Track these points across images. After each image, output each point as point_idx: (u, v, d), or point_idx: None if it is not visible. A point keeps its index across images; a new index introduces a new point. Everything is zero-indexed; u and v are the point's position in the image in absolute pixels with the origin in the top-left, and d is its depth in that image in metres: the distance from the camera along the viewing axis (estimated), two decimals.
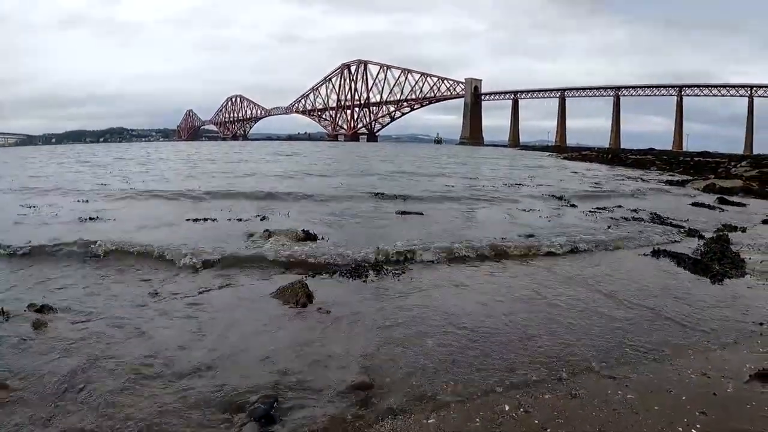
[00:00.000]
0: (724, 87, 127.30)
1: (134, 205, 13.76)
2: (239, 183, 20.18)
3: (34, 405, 3.40)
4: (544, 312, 5.42)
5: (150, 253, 7.41)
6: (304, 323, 5.08)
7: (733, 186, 19.96)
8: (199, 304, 5.51)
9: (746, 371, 4.01)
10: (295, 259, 7.34)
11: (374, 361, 4.17)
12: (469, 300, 5.85)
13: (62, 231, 9.09)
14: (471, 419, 3.35)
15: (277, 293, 5.83)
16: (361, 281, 6.49)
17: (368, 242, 8.34)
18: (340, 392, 3.66)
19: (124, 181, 20.61)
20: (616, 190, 19.98)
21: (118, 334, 4.62)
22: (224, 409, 3.41)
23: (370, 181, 21.88)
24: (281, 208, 12.98)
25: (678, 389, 3.73)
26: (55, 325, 4.77)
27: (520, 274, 6.99)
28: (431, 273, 6.97)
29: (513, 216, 12.40)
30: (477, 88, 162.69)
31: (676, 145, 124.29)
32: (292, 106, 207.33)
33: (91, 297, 5.70)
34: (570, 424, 3.29)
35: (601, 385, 3.80)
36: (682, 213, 13.28)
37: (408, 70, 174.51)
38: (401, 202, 14.49)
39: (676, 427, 3.24)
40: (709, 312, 5.48)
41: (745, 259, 7.76)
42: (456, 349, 4.43)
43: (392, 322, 5.06)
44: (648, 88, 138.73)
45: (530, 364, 4.16)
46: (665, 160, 47.46)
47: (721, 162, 40.87)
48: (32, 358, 4.10)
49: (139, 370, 3.93)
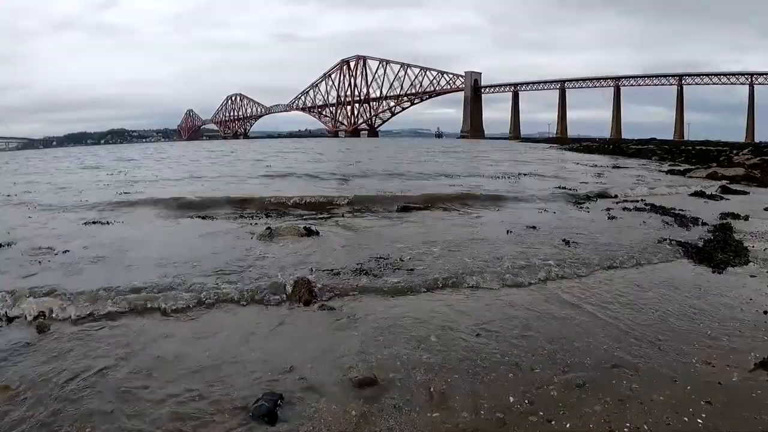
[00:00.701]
0: (724, 75, 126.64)
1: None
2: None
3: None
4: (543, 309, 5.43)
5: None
6: (307, 320, 5.08)
7: (735, 174, 19.91)
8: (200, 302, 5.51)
9: (751, 360, 4.00)
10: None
11: (378, 358, 4.17)
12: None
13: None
14: (476, 412, 3.35)
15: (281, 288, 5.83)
16: (366, 278, 6.48)
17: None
18: (344, 388, 3.67)
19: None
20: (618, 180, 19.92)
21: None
22: (228, 407, 3.41)
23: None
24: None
25: (683, 379, 3.73)
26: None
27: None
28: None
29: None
30: (477, 82, 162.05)
31: (677, 134, 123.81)
32: (292, 104, 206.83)
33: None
34: (576, 415, 3.28)
35: (605, 375, 3.80)
36: (684, 203, 13.25)
37: (407, 64, 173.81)
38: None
39: (682, 416, 3.24)
40: (713, 301, 5.47)
41: (748, 247, 7.73)
42: (461, 346, 4.43)
43: (396, 319, 5.05)
44: (648, 77, 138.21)
45: (533, 356, 4.17)
46: (666, 149, 47.38)
47: (723, 150, 40.80)
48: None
49: (144, 366, 3.95)
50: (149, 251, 7.74)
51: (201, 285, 5.86)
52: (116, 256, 7.41)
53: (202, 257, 7.30)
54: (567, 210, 12.30)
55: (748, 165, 23.90)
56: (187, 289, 5.70)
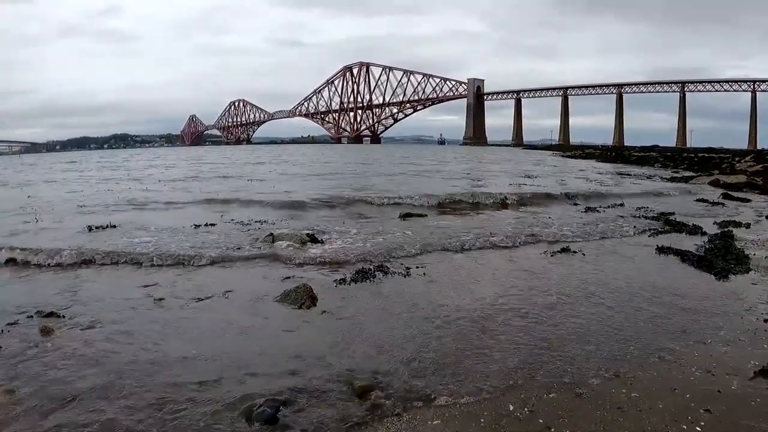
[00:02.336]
0: (726, 82, 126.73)
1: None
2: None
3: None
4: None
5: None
6: (309, 326, 5.10)
7: (737, 182, 19.93)
8: (204, 309, 5.56)
9: (750, 368, 4.02)
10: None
11: (379, 364, 4.19)
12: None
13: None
14: (476, 420, 3.37)
15: (282, 296, 5.86)
16: (367, 283, 6.51)
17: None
18: (345, 394, 3.69)
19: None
20: (622, 188, 19.94)
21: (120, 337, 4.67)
22: (230, 412, 3.43)
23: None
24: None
25: (682, 387, 3.74)
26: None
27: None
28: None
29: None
30: (479, 89, 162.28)
31: (679, 141, 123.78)
32: (295, 110, 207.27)
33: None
34: (575, 422, 3.30)
35: (605, 384, 3.82)
36: (686, 209, 13.28)
37: (410, 71, 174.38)
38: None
39: (681, 424, 3.25)
40: (713, 308, 5.48)
41: (749, 255, 7.74)
42: (462, 350, 4.45)
43: (396, 324, 5.07)
44: (651, 84, 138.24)
45: (533, 364, 4.18)
46: (669, 156, 47.37)
47: (725, 158, 40.77)
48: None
49: (144, 371, 3.97)
50: None
51: None
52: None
53: None
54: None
55: (750, 172, 23.91)
56: None
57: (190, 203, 15.01)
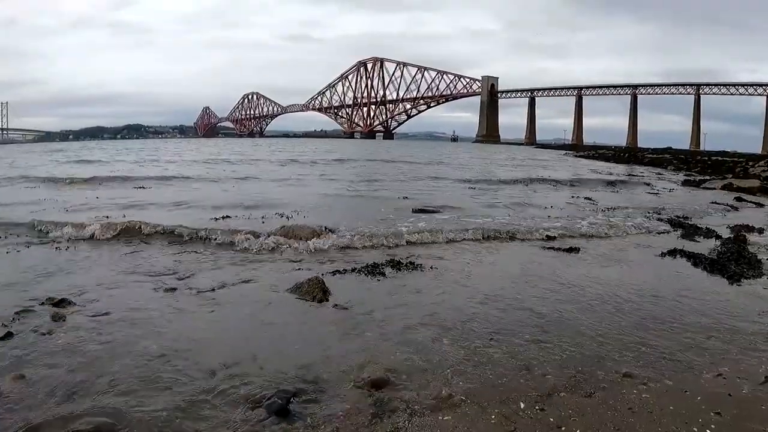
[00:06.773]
0: (741, 86, 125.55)
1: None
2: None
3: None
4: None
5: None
6: (320, 319, 5.15)
7: (750, 186, 19.75)
8: (217, 299, 5.63)
9: (762, 372, 4.01)
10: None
11: (391, 358, 4.22)
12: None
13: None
14: (487, 416, 3.39)
15: (293, 289, 5.90)
16: (376, 278, 6.55)
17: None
18: (357, 388, 3.72)
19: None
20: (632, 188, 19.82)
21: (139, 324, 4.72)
22: (241, 404, 3.47)
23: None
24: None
25: (693, 389, 3.74)
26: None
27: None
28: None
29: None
30: (493, 86, 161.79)
31: (693, 144, 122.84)
32: (309, 104, 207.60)
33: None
34: (585, 422, 3.31)
35: (616, 385, 3.82)
36: (699, 213, 13.22)
37: (424, 67, 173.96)
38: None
39: (691, 426, 3.26)
40: (725, 312, 5.46)
41: (762, 260, 7.71)
42: (474, 345, 4.47)
43: (409, 319, 5.10)
44: (665, 86, 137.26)
45: (546, 363, 4.19)
46: (682, 159, 47.10)
47: (739, 162, 40.41)
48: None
49: (158, 362, 4.02)
50: None
51: None
52: None
53: None
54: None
55: (764, 177, 23.70)
56: None
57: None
